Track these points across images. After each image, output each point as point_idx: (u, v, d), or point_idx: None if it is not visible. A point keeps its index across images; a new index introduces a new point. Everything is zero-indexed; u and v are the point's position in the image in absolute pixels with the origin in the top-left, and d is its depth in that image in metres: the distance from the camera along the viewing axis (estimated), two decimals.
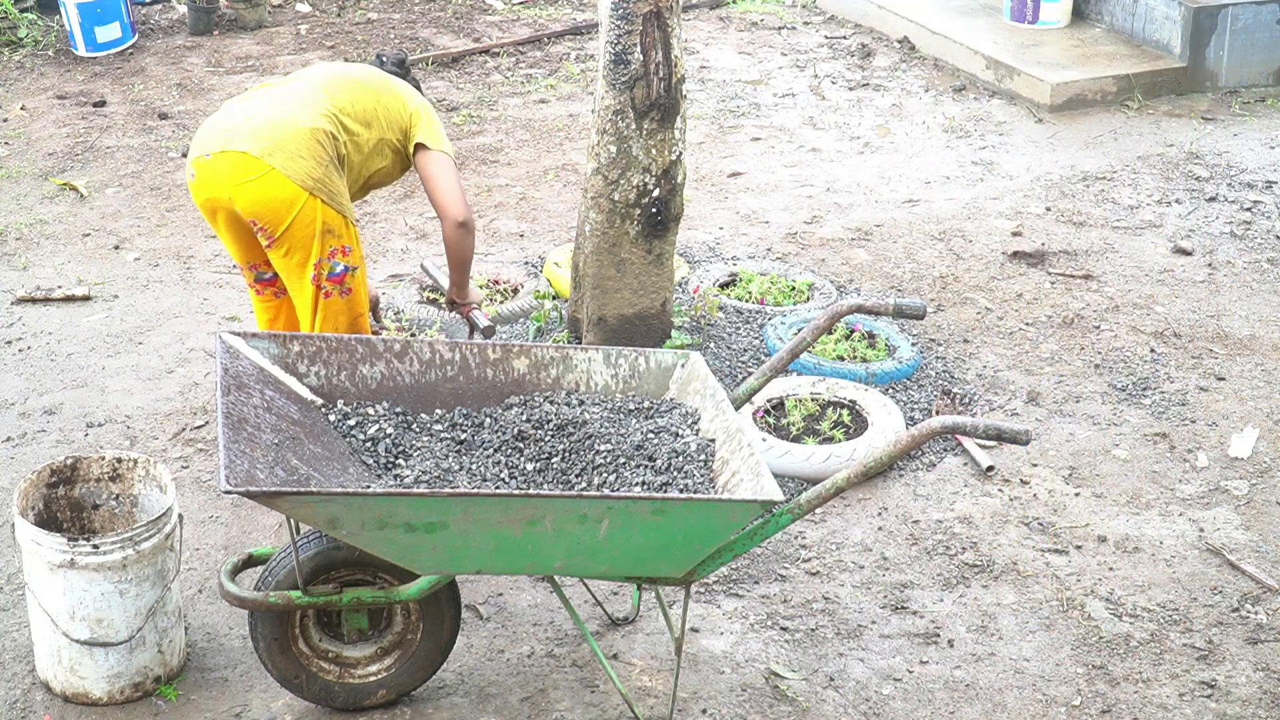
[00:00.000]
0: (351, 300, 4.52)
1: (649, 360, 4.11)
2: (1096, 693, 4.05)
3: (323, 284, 4.44)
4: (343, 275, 4.45)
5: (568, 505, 3.44)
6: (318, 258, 4.40)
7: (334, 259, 4.42)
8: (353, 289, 4.51)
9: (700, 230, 6.82)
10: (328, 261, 4.41)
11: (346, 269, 4.45)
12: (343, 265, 4.44)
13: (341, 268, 4.44)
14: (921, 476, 5.00)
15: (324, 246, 4.39)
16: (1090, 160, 7.69)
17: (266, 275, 4.63)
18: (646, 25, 5.08)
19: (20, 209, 6.97)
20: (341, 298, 4.48)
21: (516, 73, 8.92)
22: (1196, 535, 4.74)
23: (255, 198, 4.32)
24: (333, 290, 4.46)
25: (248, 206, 4.34)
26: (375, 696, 3.84)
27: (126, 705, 3.88)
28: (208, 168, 4.37)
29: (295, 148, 4.32)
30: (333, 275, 4.44)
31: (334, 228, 4.39)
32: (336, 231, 4.39)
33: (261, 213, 4.34)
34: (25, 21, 9.23)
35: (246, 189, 4.32)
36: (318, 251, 4.39)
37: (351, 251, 4.45)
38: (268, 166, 4.29)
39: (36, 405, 5.32)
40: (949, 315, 6.09)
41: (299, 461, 3.57)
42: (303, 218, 4.33)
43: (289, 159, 4.31)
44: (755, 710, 3.94)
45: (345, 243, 4.43)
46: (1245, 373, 5.70)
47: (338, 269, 4.44)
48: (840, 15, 9.98)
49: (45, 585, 3.78)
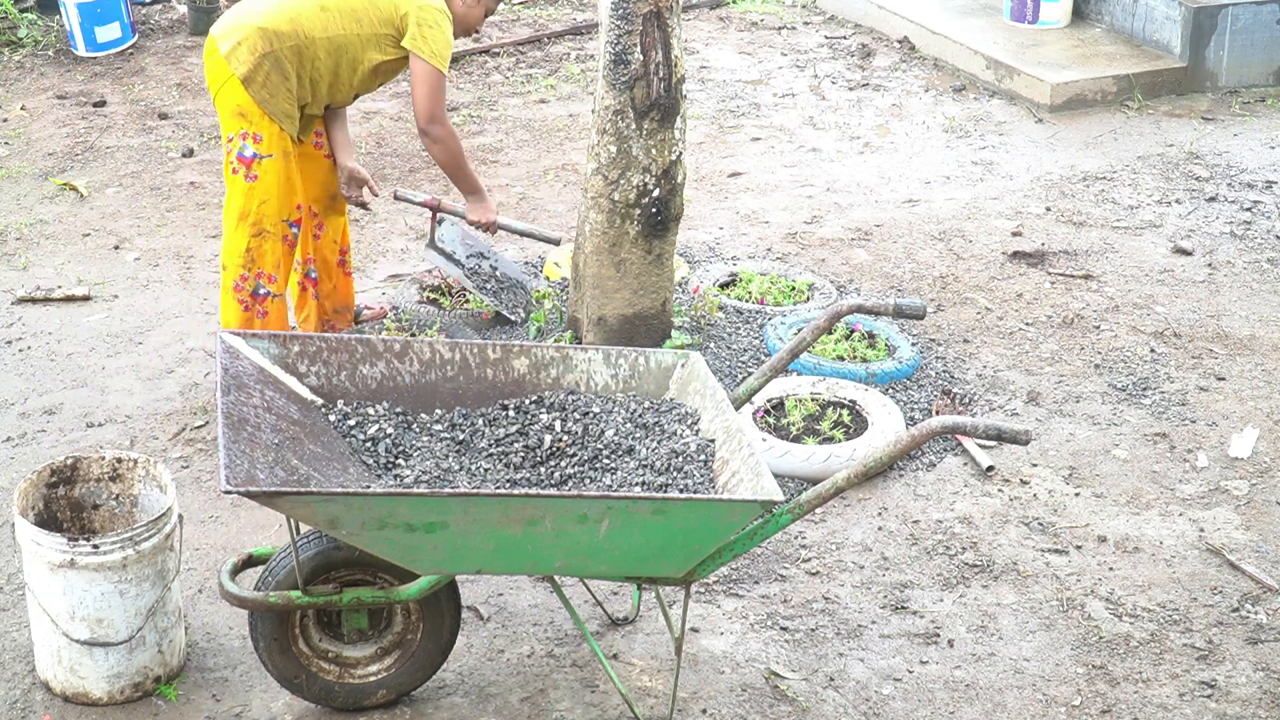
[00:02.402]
0: (254, 187, 4.92)
1: (649, 360, 4.11)
2: (1096, 693, 4.05)
3: (232, 161, 4.93)
4: (250, 160, 4.89)
5: (567, 505, 3.44)
6: (229, 134, 4.91)
7: (244, 141, 4.88)
8: (258, 176, 4.91)
9: (700, 230, 6.82)
10: (238, 140, 4.89)
11: (255, 155, 4.88)
12: (251, 150, 4.88)
13: (250, 152, 4.89)
14: (921, 476, 5.00)
15: (234, 125, 4.88)
16: (1090, 160, 7.70)
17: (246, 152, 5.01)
18: (646, 25, 5.08)
19: (20, 209, 6.97)
20: (246, 180, 4.91)
21: (516, 73, 8.92)
22: (1196, 535, 4.74)
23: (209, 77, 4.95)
24: (239, 169, 4.92)
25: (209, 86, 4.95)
26: (375, 696, 3.84)
27: (126, 705, 3.88)
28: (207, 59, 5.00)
29: (241, 38, 4.85)
30: (241, 156, 4.90)
31: (246, 112, 4.86)
32: (249, 116, 4.86)
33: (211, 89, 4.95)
34: (25, 21, 9.23)
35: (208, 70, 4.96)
36: (228, 128, 4.90)
37: (263, 140, 4.88)
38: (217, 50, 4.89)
39: (36, 405, 5.32)
40: (949, 315, 6.09)
41: (299, 461, 3.57)
42: (224, 93, 4.88)
43: (232, 48, 4.85)
44: (755, 710, 3.94)
45: (256, 130, 4.87)
46: (1245, 373, 5.70)
47: (246, 151, 4.89)
48: (840, 15, 9.98)
49: (45, 585, 3.78)
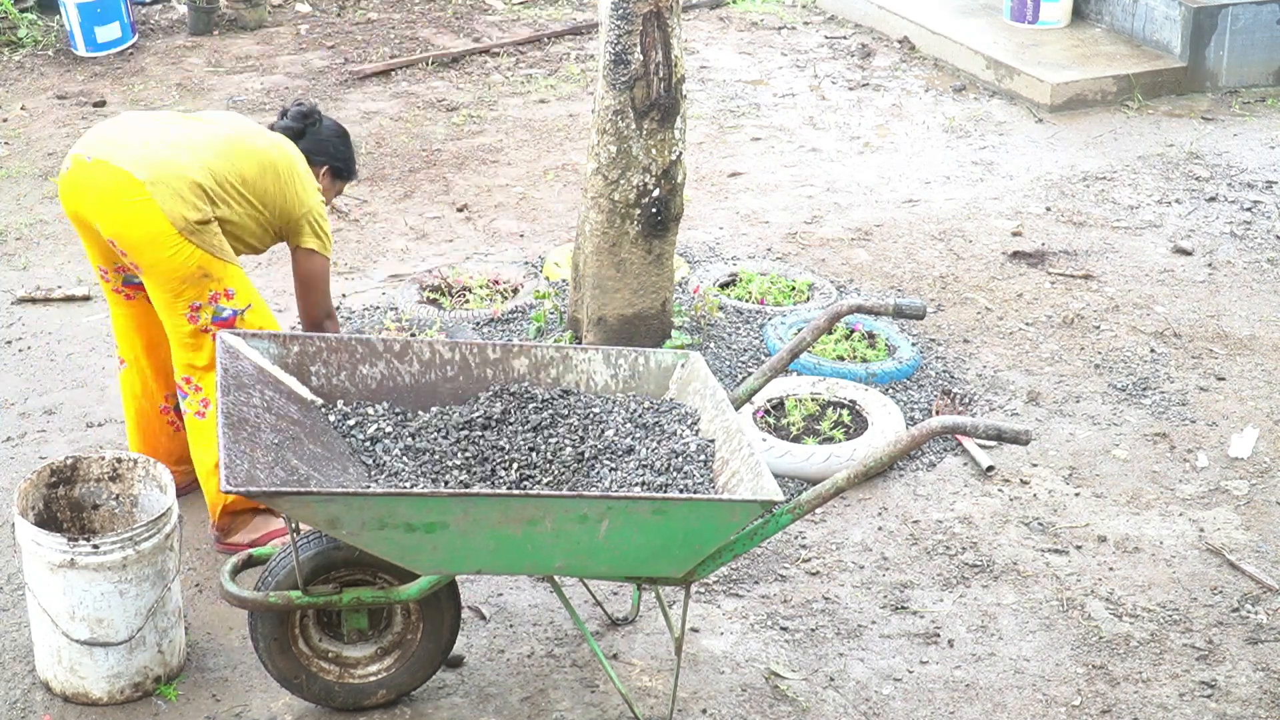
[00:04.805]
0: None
1: (649, 360, 4.11)
2: (1096, 693, 4.05)
3: (209, 329, 4.23)
4: (232, 319, 4.24)
5: (567, 505, 3.44)
6: (196, 301, 4.21)
7: (216, 303, 4.22)
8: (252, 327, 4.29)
9: (700, 230, 6.82)
10: (210, 306, 4.21)
11: (235, 312, 4.24)
12: (229, 309, 4.23)
13: (229, 312, 4.23)
14: (921, 476, 5.00)
15: (202, 290, 4.19)
16: (1090, 160, 7.70)
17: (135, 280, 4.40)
18: (646, 25, 5.08)
19: (20, 209, 6.97)
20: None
21: (516, 73, 8.92)
22: (1196, 535, 4.74)
23: (123, 220, 4.13)
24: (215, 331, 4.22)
25: (112, 227, 4.15)
26: (375, 696, 3.84)
27: (126, 705, 3.88)
28: (85, 171, 4.18)
29: (179, 187, 4.13)
30: (220, 319, 4.22)
31: (210, 270, 4.18)
32: (214, 275, 4.19)
33: (126, 236, 4.15)
34: (25, 21, 9.23)
35: (116, 209, 4.13)
36: (194, 295, 4.20)
37: (236, 294, 4.24)
38: (147, 195, 4.10)
39: (36, 405, 5.32)
40: (949, 315, 6.09)
41: (299, 461, 3.57)
42: (175, 258, 4.14)
43: (170, 196, 4.11)
44: (755, 710, 3.94)
45: (226, 285, 4.22)
46: (1245, 373, 5.70)
47: (225, 313, 4.23)
48: (840, 15, 9.97)
49: (45, 585, 3.78)
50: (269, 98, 8.36)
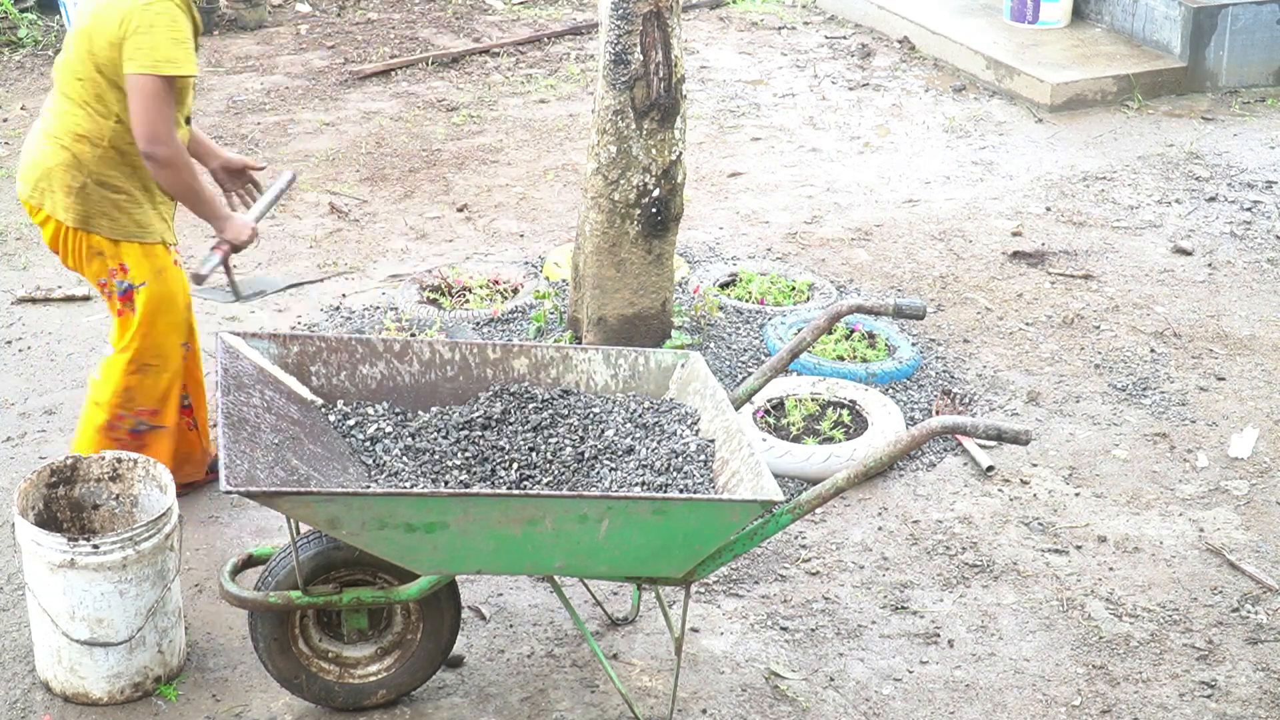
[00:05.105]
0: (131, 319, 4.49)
1: (649, 360, 4.11)
2: (1096, 693, 4.05)
3: (117, 303, 4.46)
4: (129, 292, 4.43)
5: (567, 505, 3.44)
6: (101, 278, 4.44)
7: (115, 278, 4.43)
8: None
9: (700, 230, 6.82)
10: (112, 281, 4.43)
11: (131, 286, 4.42)
12: (125, 283, 4.42)
13: (125, 285, 4.43)
14: (921, 476, 5.00)
15: (102, 268, 4.42)
16: (1090, 160, 7.70)
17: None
18: (646, 25, 5.08)
19: (20, 209, 6.96)
20: (133, 314, 4.45)
21: (516, 73, 8.92)
22: (1196, 535, 4.74)
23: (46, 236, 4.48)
24: (125, 308, 4.45)
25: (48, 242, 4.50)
26: (375, 696, 3.83)
27: (126, 705, 3.88)
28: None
29: (48, 183, 4.36)
30: (121, 294, 4.44)
31: (101, 249, 4.40)
32: (105, 253, 4.40)
33: (52, 246, 4.49)
34: (25, 21, 9.23)
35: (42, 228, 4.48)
36: (97, 272, 4.43)
37: (130, 269, 4.42)
38: (44, 213, 4.40)
39: (36, 405, 5.32)
40: (949, 315, 6.09)
41: (299, 461, 3.57)
42: (73, 248, 4.42)
43: (48, 196, 4.37)
44: (755, 710, 3.94)
45: (120, 261, 4.41)
46: (1245, 373, 5.70)
47: (122, 287, 4.44)
48: (840, 15, 9.97)
49: (45, 585, 3.78)
50: (269, 98, 8.36)
